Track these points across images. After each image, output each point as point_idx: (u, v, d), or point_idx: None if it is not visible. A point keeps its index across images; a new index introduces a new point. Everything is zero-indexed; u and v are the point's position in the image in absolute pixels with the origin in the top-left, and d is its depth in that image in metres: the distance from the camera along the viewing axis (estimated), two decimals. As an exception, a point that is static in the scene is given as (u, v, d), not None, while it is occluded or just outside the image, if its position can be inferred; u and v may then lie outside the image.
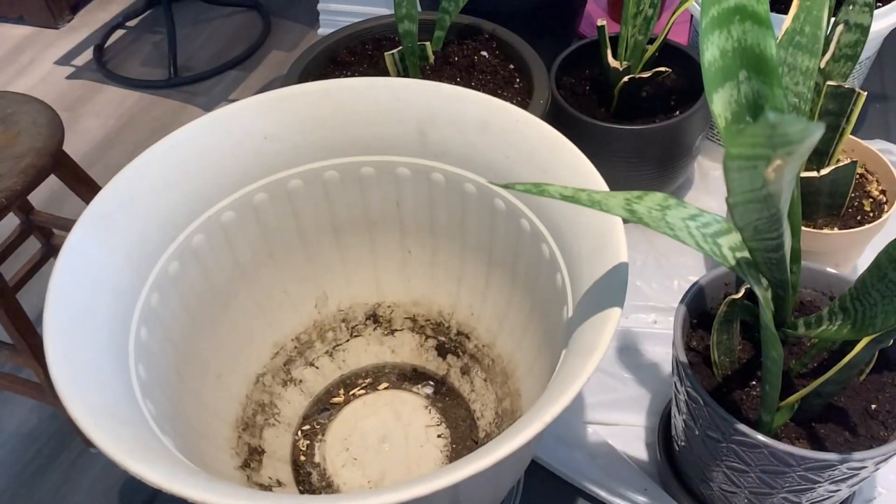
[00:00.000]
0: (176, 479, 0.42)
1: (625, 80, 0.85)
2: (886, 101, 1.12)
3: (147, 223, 0.60)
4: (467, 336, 0.77)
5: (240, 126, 0.65)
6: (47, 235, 0.98)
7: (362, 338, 0.80)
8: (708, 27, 0.46)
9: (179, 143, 0.63)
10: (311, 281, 0.76)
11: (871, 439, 0.55)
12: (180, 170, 0.62)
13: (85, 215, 0.57)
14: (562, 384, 0.46)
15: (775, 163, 0.31)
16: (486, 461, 0.41)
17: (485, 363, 0.75)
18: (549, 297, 0.62)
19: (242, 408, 0.72)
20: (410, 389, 0.78)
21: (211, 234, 0.65)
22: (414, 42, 0.85)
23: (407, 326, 0.80)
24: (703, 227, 0.45)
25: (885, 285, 0.43)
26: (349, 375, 0.79)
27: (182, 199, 0.62)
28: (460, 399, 0.76)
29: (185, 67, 1.49)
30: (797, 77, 0.52)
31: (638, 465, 0.73)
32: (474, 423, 0.74)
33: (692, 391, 0.56)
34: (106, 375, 0.51)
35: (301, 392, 0.77)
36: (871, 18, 0.69)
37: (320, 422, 0.76)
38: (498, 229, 0.67)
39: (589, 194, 0.45)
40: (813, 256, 0.77)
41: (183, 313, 0.64)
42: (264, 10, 1.61)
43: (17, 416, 0.90)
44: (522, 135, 0.62)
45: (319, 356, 0.79)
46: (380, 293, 0.79)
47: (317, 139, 0.67)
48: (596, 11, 1.30)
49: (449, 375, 0.78)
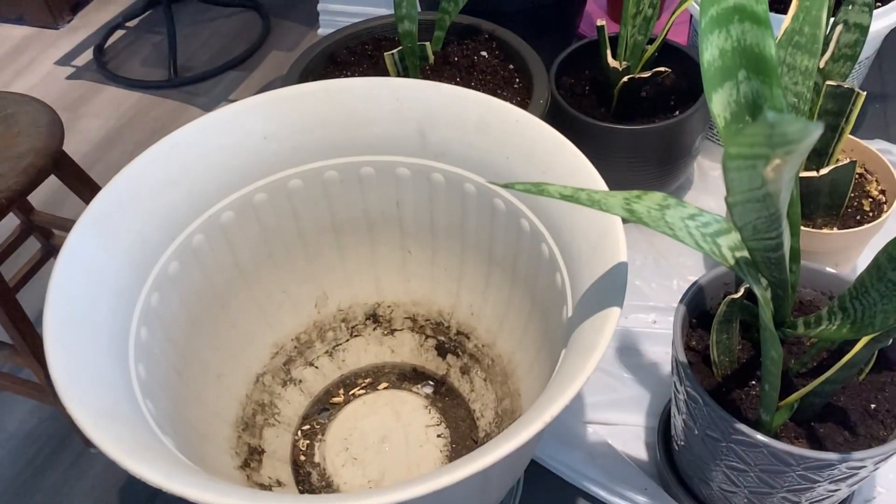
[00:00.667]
0: (176, 479, 0.42)
1: (624, 80, 0.85)
2: (886, 100, 1.12)
3: (147, 223, 0.60)
4: (467, 336, 0.77)
5: (240, 126, 0.65)
6: (47, 235, 0.98)
7: (362, 338, 0.80)
8: (707, 27, 0.46)
9: (179, 143, 0.63)
10: (311, 281, 0.76)
11: (870, 439, 0.55)
12: (180, 170, 0.62)
13: (85, 215, 0.57)
14: (561, 384, 0.46)
15: (774, 162, 0.31)
16: (487, 460, 0.41)
17: (485, 363, 0.75)
18: (548, 296, 0.62)
19: (242, 407, 0.72)
20: (410, 389, 0.78)
21: (211, 234, 0.65)
22: (414, 42, 0.85)
23: (407, 326, 0.80)
24: (702, 227, 0.45)
25: (885, 285, 0.43)
26: (349, 375, 0.79)
27: (182, 199, 0.62)
28: (460, 399, 0.76)
29: (185, 67, 1.49)
30: (796, 77, 0.52)
31: (638, 465, 0.73)
32: (474, 423, 0.74)
33: (692, 391, 0.56)
34: (106, 375, 0.51)
35: (301, 392, 0.77)
36: (870, 18, 0.69)
37: (320, 422, 0.76)
38: (498, 229, 0.67)
39: (588, 194, 0.45)
40: (812, 256, 0.77)
41: (183, 313, 0.64)
42: (264, 10, 1.61)
43: (17, 416, 0.90)
44: (522, 135, 0.62)
45: (319, 356, 0.79)
46: (380, 293, 0.79)
47: (317, 139, 0.67)
48: (596, 11, 1.30)
49: (449, 375, 0.78)
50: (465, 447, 0.73)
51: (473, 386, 0.76)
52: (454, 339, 0.78)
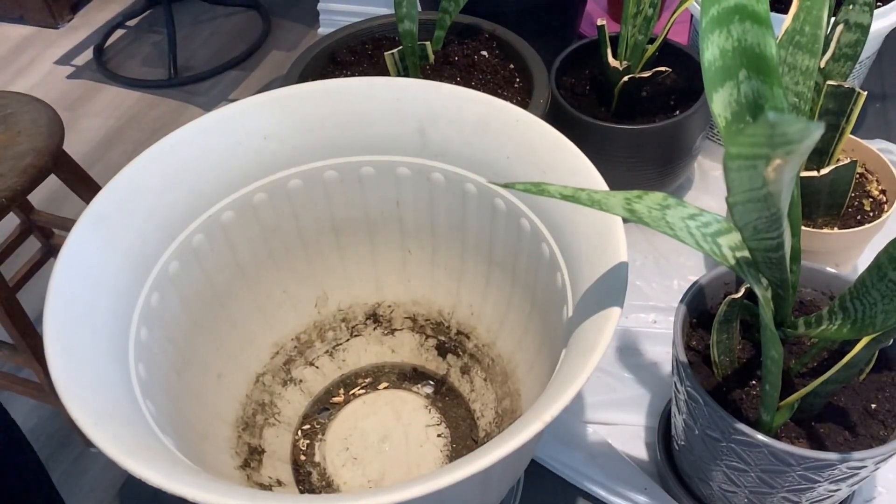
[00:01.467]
0: (176, 479, 0.42)
1: (625, 79, 0.85)
2: (886, 100, 1.12)
3: (147, 223, 0.60)
4: (467, 336, 0.77)
5: (240, 126, 0.65)
6: (47, 235, 0.98)
7: (362, 337, 0.80)
8: (708, 27, 0.46)
9: (179, 143, 0.63)
10: (311, 281, 0.76)
11: (870, 439, 0.55)
12: (180, 170, 0.62)
13: (85, 215, 0.57)
14: (562, 384, 0.46)
15: (775, 162, 0.31)
16: (487, 460, 0.41)
17: (485, 363, 0.75)
18: (549, 296, 0.62)
19: (242, 407, 0.72)
20: (410, 389, 0.78)
21: (211, 233, 0.65)
22: (414, 42, 0.85)
23: (407, 326, 0.80)
24: (702, 227, 0.45)
25: (885, 285, 0.43)
26: (349, 375, 0.79)
27: (182, 199, 0.62)
28: (460, 399, 0.76)
29: (185, 67, 1.49)
30: (797, 77, 0.52)
31: (638, 465, 0.73)
32: (474, 423, 0.74)
33: (692, 391, 0.56)
34: (106, 375, 0.51)
35: (301, 392, 0.77)
36: (871, 18, 0.69)
37: (320, 421, 0.76)
38: (498, 229, 0.67)
39: (589, 194, 0.45)
40: (813, 256, 0.77)
41: (183, 313, 0.64)
42: (264, 10, 1.61)
43: (18, 416, 0.90)
44: (522, 135, 0.62)
45: (319, 356, 0.79)
46: (380, 293, 0.79)
47: (317, 139, 0.67)
48: (596, 11, 1.30)
49: (449, 375, 0.78)
50: (466, 447, 0.73)
51: (473, 386, 0.76)
52: (454, 338, 0.78)
